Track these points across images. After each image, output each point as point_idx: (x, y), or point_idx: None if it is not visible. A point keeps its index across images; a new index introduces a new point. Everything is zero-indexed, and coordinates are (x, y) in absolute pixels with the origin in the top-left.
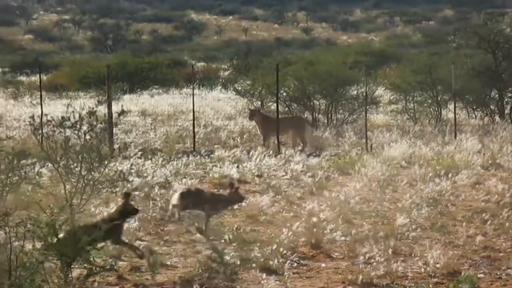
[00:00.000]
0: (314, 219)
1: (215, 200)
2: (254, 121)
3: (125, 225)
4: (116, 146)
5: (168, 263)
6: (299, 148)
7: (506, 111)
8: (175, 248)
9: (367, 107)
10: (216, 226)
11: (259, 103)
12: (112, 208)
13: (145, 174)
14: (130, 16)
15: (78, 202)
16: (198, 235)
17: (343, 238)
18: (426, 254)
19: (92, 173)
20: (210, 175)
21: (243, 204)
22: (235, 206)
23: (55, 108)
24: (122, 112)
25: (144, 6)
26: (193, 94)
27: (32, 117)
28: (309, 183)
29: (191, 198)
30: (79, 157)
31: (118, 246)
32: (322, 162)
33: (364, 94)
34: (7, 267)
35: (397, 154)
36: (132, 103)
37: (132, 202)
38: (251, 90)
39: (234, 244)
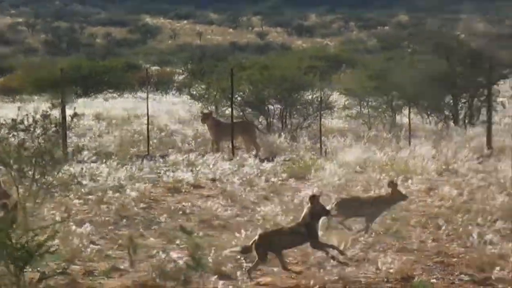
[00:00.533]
0: (268, 224)
1: (375, 203)
2: (206, 125)
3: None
4: (69, 149)
5: (122, 267)
6: (253, 152)
7: (460, 117)
8: (128, 253)
9: (322, 112)
10: (171, 230)
11: (214, 107)
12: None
13: (98, 178)
14: (84, 19)
15: (32, 206)
16: (151, 239)
17: None
18: (379, 259)
19: (46, 176)
20: (164, 179)
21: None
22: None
23: (9, 111)
24: (75, 115)
25: (99, 9)
26: (147, 98)
27: None
28: (264, 187)
29: (348, 206)
30: (33, 160)
31: (317, 249)
32: (277, 166)
33: (319, 99)
34: None
35: (351, 159)
36: (86, 106)
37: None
38: (206, 94)
39: (188, 249)
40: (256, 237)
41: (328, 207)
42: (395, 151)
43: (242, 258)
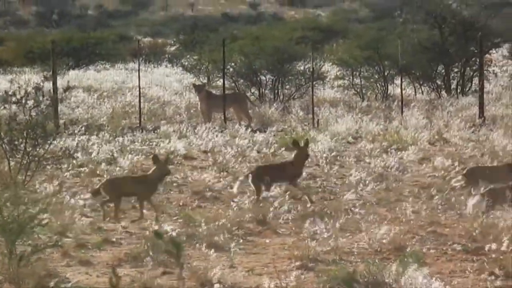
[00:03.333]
0: (261, 195)
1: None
2: (197, 97)
3: None
4: (61, 122)
5: (114, 239)
6: (245, 123)
7: (452, 86)
8: (121, 225)
9: (314, 82)
10: (162, 202)
11: (206, 78)
12: None
13: (90, 151)
14: None
15: (23, 178)
16: (144, 211)
17: (289, 214)
18: (372, 230)
19: (37, 149)
20: (156, 150)
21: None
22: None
23: (0, 83)
24: (68, 88)
25: None
26: (138, 70)
27: None
28: (256, 158)
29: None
30: (24, 133)
31: None
32: (269, 137)
33: (311, 69)
34: None
35: (344, 130)
36: (77, 78)
37: None
38: (198, 65)
39: (180, 220)
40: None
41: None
42: (387, 121)
43: (234, 229)
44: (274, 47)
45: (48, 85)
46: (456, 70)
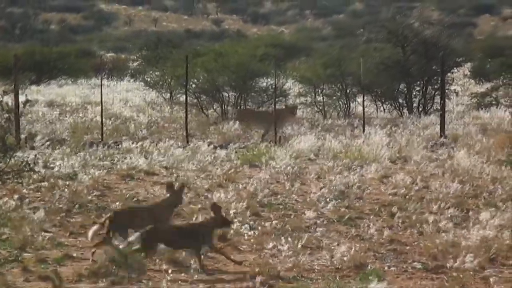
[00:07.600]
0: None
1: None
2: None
3: None
4: (22, 136)
5: (74, 255)
6: (208, 140)
7: (414, 105)
8: (81, 240)
9: (276, 99)
10: None
11: (168, 94)
12: None
13: (51, 165)
14: (38, 5)
15: None
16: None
17: (250, 231)
18: (333, 247)
19: None
20: (118, 166)
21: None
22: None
23: None
24: (27, 102)
25: None
26: (101, 85)
27: None
28: (218, 174)
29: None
30: None
31: None
32: (231, 154)
33: (274, 86)
34: None
35: (305, 147)
36: (39, 93)
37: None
38: (160, 81)
39: None
40: None
41: None
42: (349, 138)
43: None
44: (237, 64)
45: (9, 100)
46: (418, 88)
